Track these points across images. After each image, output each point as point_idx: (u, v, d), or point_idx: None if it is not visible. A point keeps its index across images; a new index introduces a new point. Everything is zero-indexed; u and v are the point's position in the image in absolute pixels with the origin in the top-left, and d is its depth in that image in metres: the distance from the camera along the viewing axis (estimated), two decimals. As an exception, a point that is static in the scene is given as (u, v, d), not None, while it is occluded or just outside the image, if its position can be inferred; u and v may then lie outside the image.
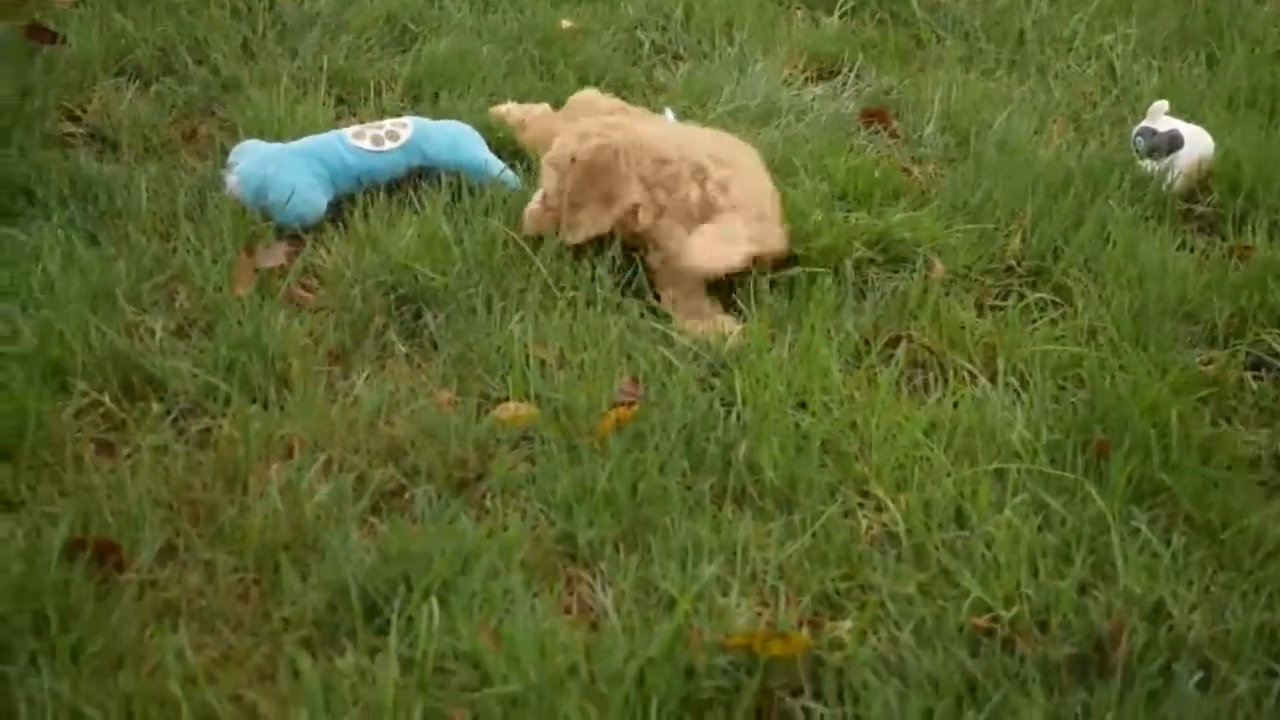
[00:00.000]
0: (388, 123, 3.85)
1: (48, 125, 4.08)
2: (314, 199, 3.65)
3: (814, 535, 2.74)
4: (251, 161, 3.71)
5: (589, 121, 3.70)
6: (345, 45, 4.54)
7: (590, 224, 3.53)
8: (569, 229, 3.54)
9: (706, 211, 3.49)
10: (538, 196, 3.64)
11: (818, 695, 2.43)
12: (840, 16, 5.06)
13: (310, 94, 4.26)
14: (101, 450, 2.94)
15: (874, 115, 4.38)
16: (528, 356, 3.16)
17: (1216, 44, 5.00)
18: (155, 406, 3.03)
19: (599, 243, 3.51)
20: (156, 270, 3.43)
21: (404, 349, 3.27)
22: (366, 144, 3.76)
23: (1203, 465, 2.92)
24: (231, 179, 3.71)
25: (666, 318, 3.37)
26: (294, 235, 3.60)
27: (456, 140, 3.87)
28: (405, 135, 3.80)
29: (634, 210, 3.52)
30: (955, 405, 3.11)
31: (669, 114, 4.04)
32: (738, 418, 3.03)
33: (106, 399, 3.04)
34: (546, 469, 2.87)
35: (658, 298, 3.45)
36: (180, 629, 2.48)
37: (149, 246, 3.52)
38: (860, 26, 5.03)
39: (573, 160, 3.55)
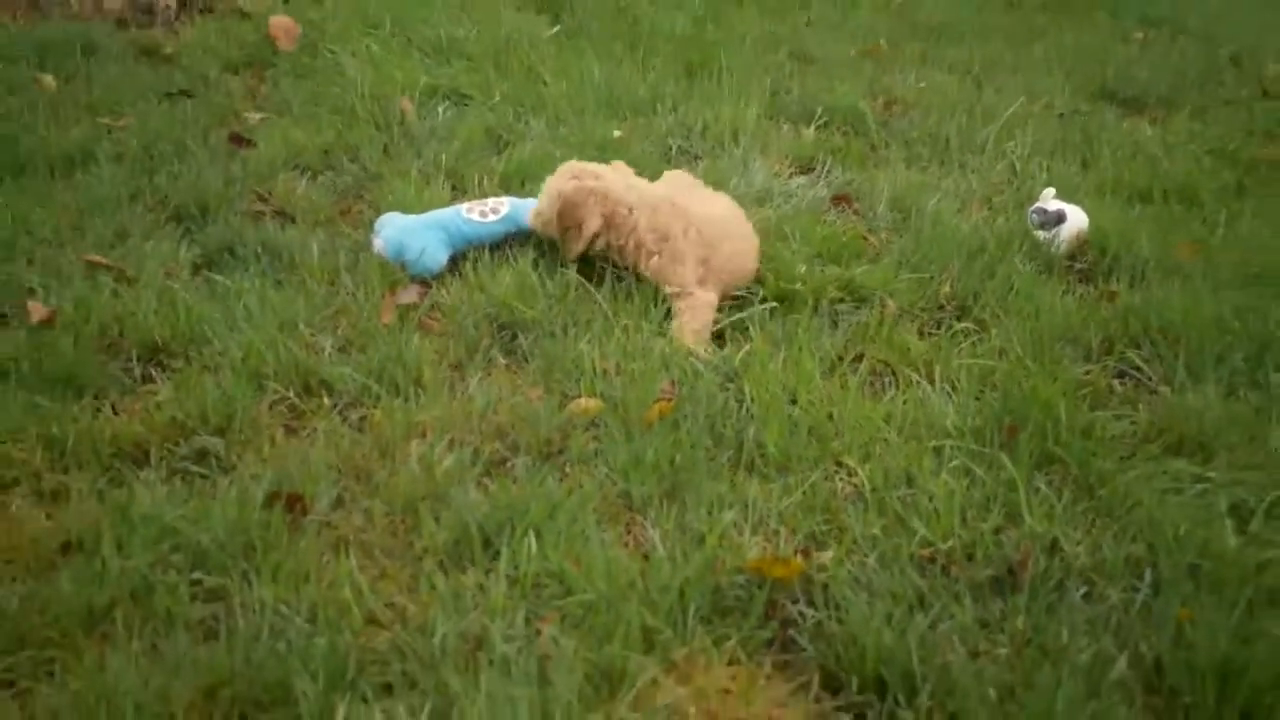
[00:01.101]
0: (490, 201, 3.87)
1: (244, 204, 4.12)
2: (438, 256, 3.67)
3: (804, 493, 2.77)
4: (392, 229, 3.74)
5: (576, 166, 3.77)
6: (456, 149, 4.57)
7: (575, 246, 3.63)
8: (564, 250, 3.66)
9: (635, 256, 3.60)
10: (536, 207, 3.77)
11: (810, 603, 2.46)
12: (815, 129, 5.08)
13: (432, 183, 4.28)
14: (288, 431, 2.98)
15: (841, 199, 4.39)
16: (594, 366, 3.18)
17: (1089, 150, 5.02)
18: (326, 401, 3.07)
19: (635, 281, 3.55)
20: (325, 306, 3.46)
21: (504, 361, 3.29)
22: (476, 216, 3.79)
23: (1084, 442, 2.95)
24: (378, 242, 3.74)
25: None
26: (423, 282, 3.62)
27: None
28: (504, 210, 3.82)
29: (595, 237, 3.62)
30: (904, 402, 3.13)
31: None
32: (747, 410, 3.05)
33: (291, 395, 3.08)
34: (610, 445, 2.90)
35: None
36: (349, 556, 2.52)
37: (319, 289, 3.55)
38: (830, 136, 5.04)
39: (559, 196, 3.64)
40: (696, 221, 3.62)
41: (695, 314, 3.46)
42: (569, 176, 3.70)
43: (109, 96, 5.01)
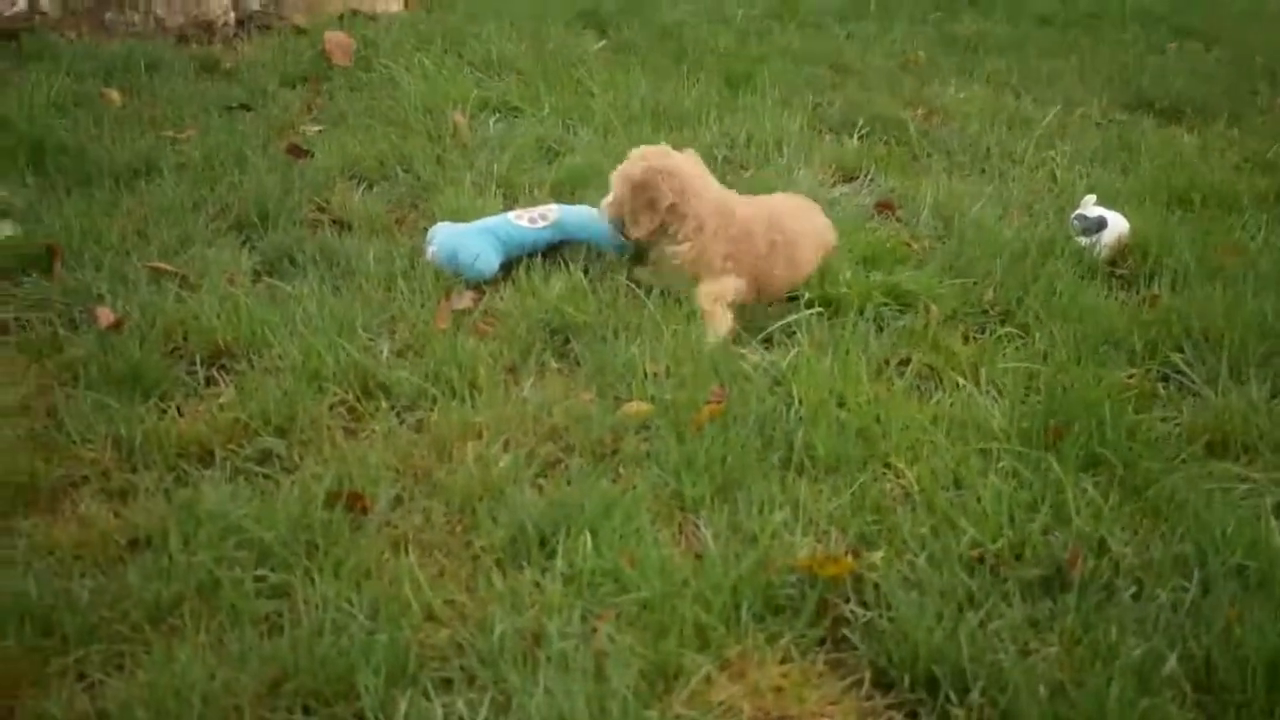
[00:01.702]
0: (539, 208, 3.85)
1: (303, 213, 4.11)
2: (491, 261, 3.66)
3: (852, 494, 2.73)
4: (446, 236, 3.73)
5: (640, 151, 3.74)
6: (508, 159, 4.55)
7: (646, 223, 3.63)
8: (632, 227, 3.65)
9: (674, 237, 3.62)
10: (609, 197, 3.73)
11: (861, 602, 2.42)
12: (858, 139, 5.04)
13: (485, 192, 4.27)
14: (348, 433, 2.96)
15: (884, 206, 4.35)
16: (645, 370, 3.15)
17: (1128, 158, 4.96)
18: (384, 403, 3.04)
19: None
20: (381, 311, 3.44)
21: (556, 365, 3.26)
22: (525, 223, 3.77)
23: (1130, 444, 2.90)
24: (431, 248, 3.72)
25: (742, 343, 3.37)
26: (477, 286, 3.61)
27: (585, 220, 3.86)
28: (553, 216, 3.80)
29: (667, 211, 3.61)
30: (951, 404, 3.10)
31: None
32: (796, 413, 3.00)
33: (350, 397, 3.06)
34: (661, 447, 2.86)
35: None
36: (409, 554, 2.50)
37: (376, 294, 3.53)
38: (873, 145, 5.00)
39: (627, 179, 3.64)
40: (734, 222, 3.62)
41: (715, 284, 3.52)
42: (639, 159, 3.70)
43: (171, 110, 5.02)
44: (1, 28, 5.92)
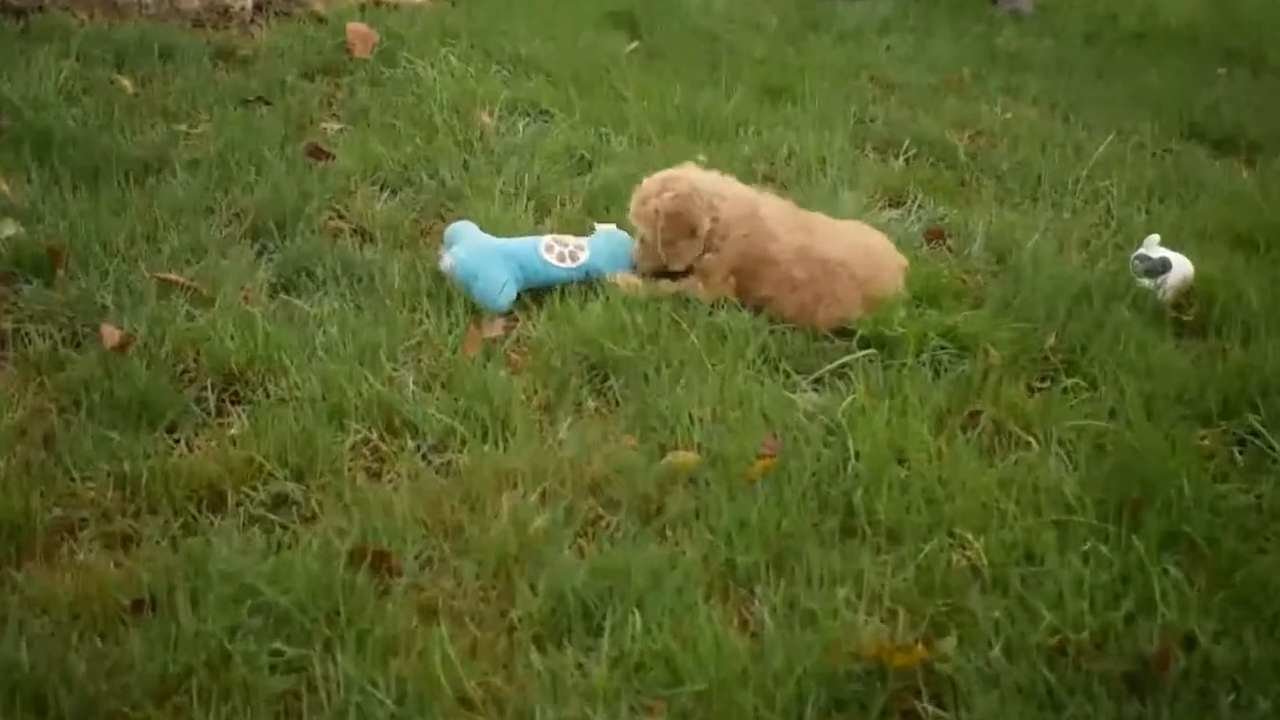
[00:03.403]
0: (571, 244, 3.59)
1: (321, 221, 3.88)
2: (509, 291, 3.42)
3: (918, 567, 2.52)
4: (467, 252, 3.48)
5: (654, 183, 3.60)
6: (539, 168, 4.32)
7: (687, 253, 3.53)
8: (672, 260, 3.54)
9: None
10: (637, 243, 3.61)
11: (934, 697, 2.22)
12: (904, 160, 4.82)
13: (514, 203, 4.05)
14: (370, 475, 2.76)
15: (934, 234, 4.13)
16: (690, 414, 2.94)
17: (1186, 192, 4.74)
18: (410, 442, 2.84)
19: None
20: (406, 335, 3.22)
21: (594, 404, 3.06)
22: (554, 259, 3.53)
23: (1211, 519, 2.69)
24: (448, 260, 3.49)
25: (792, 385, 3.17)
26: (509, 312, 3.40)
27: (616, 252, 3.65)
28: (582, 258, 3.56)
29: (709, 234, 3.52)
30: (1015, 463, 2.89)
31: None
32: (853, 470, 2.80)
33: (374, 436, 2.85)
34: (711, 505, 2.66)
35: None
36: (439, 624, 2.29)
37: (401, 315, 3.31)
38: (919, 167, 4.77)
39: (657, 213, 3.50)
40: (759, 228, 3.55)
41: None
42: (655, 194, 3.53)
43: (185, 101, 4.77)
44: (10, 6, 5.69)
